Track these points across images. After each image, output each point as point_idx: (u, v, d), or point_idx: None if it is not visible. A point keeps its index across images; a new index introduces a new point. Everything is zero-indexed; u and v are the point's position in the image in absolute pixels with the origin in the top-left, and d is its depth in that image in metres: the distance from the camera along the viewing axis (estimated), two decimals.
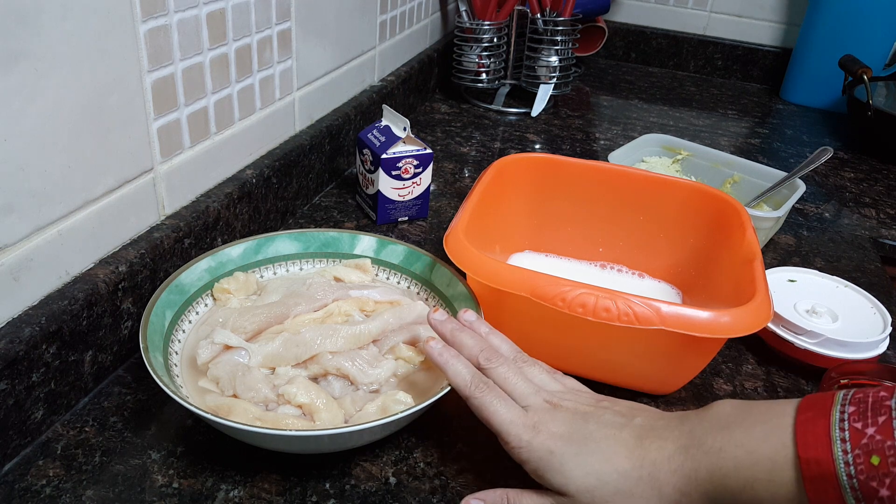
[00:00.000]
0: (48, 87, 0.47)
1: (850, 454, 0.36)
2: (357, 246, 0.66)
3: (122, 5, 0.51)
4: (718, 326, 0.50)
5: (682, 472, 0.42)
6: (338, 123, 0.86)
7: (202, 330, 0.56)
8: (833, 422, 0.37)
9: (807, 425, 0.38)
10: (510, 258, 0.73)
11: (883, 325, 0.65)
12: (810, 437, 0.38)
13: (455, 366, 0.48)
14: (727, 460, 0.40)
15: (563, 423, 0.45)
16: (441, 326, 0.51)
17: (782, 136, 1.21)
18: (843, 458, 0.36)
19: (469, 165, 0.98)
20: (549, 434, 0.45)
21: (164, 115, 0.59)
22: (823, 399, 0.39)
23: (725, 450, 0.41)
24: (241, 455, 0.50)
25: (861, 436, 0.36)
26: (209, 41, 0.62)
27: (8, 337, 0.46)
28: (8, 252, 0.47)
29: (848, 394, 0.39)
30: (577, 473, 0.43)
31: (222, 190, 0.67)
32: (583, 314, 0.51)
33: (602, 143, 1.11)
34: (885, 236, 0.90)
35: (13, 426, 0.47)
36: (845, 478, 0.36)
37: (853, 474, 0.35)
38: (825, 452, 0.37)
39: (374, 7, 0.93)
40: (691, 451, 0.42)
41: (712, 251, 0.66)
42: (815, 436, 0.37)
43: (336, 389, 0.53)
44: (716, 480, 0.40)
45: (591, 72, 1.47)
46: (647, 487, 0.42)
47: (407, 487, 0.49)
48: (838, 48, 1.25)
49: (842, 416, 0.37)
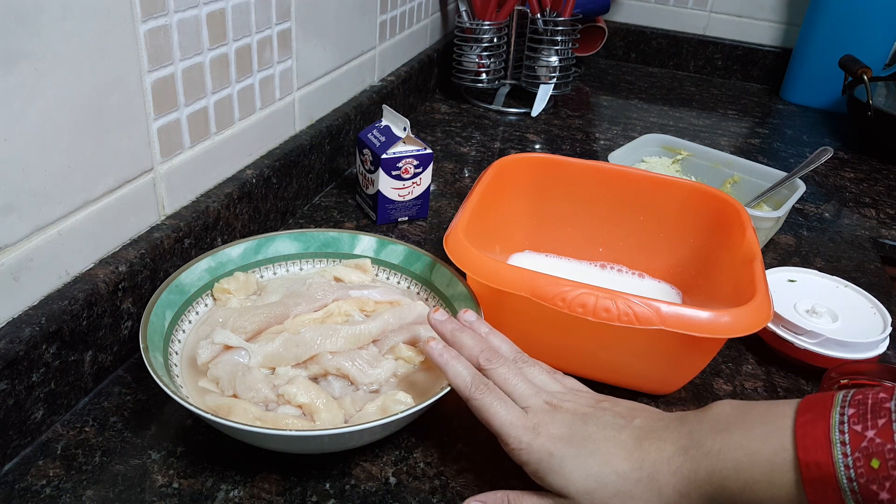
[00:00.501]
0: (48, 87, 0.47)
1: (850, 457, 0.36)
2: (357, 246, 0.67)
3: (122, 5, 0.51)
4: (718, 326, 0.50)
5: (681, 474, 0.42)
6: (338, 123, 0.86)
7: (202, 330, 0.56)
8: (833, 424, 0.37)
9: (806, 428, 0.38)
10: (510, 258, 0.73)
11: (883, 325, 0.65)
12: (810, 439, 0.37)
13: (455, 367, 0.48)
14: (726, 462, 0.40)
15: (562, 424, 0.45)
16: (441, 326, 0.51)
17: (782, 136, 1.21)
18: (843, 461, 0.36)
19: (469, 165, 0.98)
20: (549, 436, 0.45)
21: (164, 115, 0.59)
22: (822, 400, 0.39)
23: (725, 451, 0.41)
24: (241, 455, 0.50)
25: (861, 438, 0.36)
26: (209, 41, 0.62)
27: (8, 337, 0.46)
28: (8, 252, 0.47)
29: (847, 395, 0.39)
30: (577, 475, 0.43)
31: (222, 190, 0.67)
32: (583, 314, 0.51)
33: (602, 143, 1.11)
34: (885, 236, 0.90)
35: (13, 426, 0.47)
36: (845, 481, 0.36)
37: (853, 477, 0.35)
38: (825, 455, 0.36)
39: (374, 7, 0.93)
40: (691, 452, 0.42)
41: (712, 251, 0.66)
42: (814, 438, 0.37)
43: (336, 389, 0.53)
44: (715, 482, 0.40)
45: (591, 72, 1.47)
46: (646, 489, 0.42)
47: (407, 487, 0.49)
48: (838, 48, 1.25)
49: (841, 418, 0.37)
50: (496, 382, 0.48)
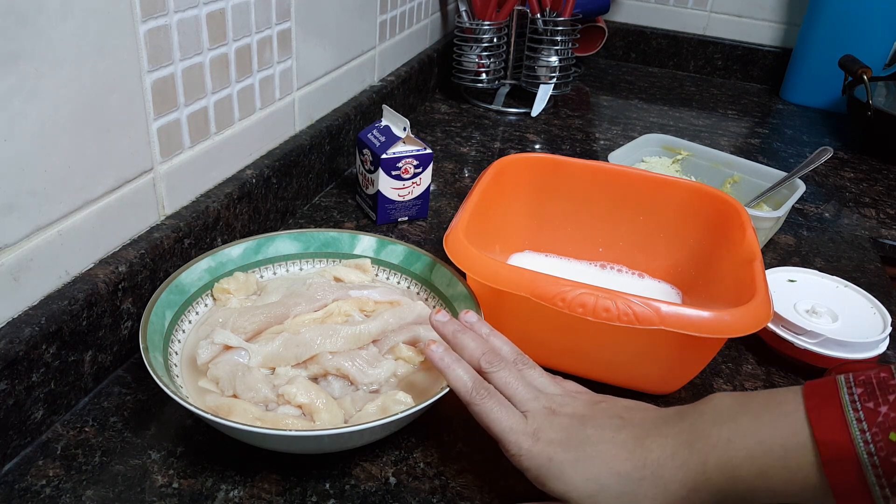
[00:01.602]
0: (48, 88, 0.47)
1: (867, 433, 0.36)
2: (357, 246, 0.67)
3: (122, 5, 0.51)
4: (718, 326, 0.50)
5: (688, 467, 0.41)
6: (338, 123, 0.86)
7: (202, 330, 0.56)
8: (845, 403, 0.38)
9: (819, 410, 0.38)
10: (510, 258, 0.73)
11: (883, 325, 0.65)
12: (825, 420, 0.38)
13: (456, 371, 0.48)
14: (738, 451, 0.40)
15: (561, 429, 0.45)
16: (443, 328, 0.51)
17: (782, 136, 1.21)
18: (862, 437, 0.36)
19: (469, 165, 0.98)
20: (548, 441, 0.45)
21: (164, 115, 0.59)
22: (825, 384, 0.40)
23: (734, 441, 0.40)
24: (241, 455, 0.50)
25: (875, 415, 0.36)
26: (209, 41, 0.62)
27: (8, 337, 0.46)
28: (8, 252, 0.47)
29: (849, 377, 0.39)
30: (578, 480, 0.43)
31: (222, 190, 0.67)
32: (583, 314, 0.51)
33: (602, 143, 1.11)
34: (885, 236, 0.90)
35: (13, 426, 0.47)
36: (866, 456, 0.36)
37: (873, 452, 0.36)
38: (843, 434, 0.37)
39: (374, 7, 0.93)
40: (696, 445, 0.42)
41: (712, 251, 0.66)
42: (829, 419, 0.38)
43: (336, 389, 0.53)
44: (726, 472, 0.40)
45: (591, 72, 1.47)
46: (650, 487, 0.42)
47: (407, 487, 0.49)
48: (838, 48, 1.25)
49: (851, 397, 0.38)
50: (497, 386, 0.48)
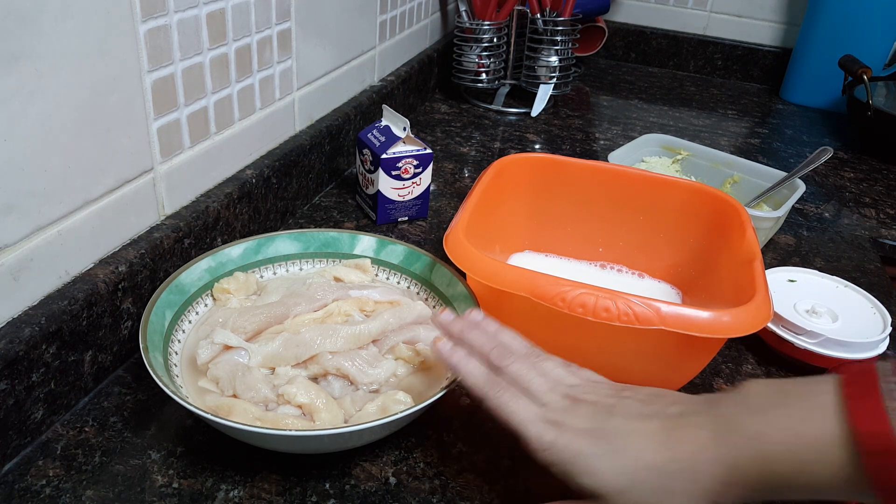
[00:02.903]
0: (48, 87, 0.47)
1: None
2: (357, 246, 0.67)
3: (122, 5, 0.51)
4: (718, 326, 0.50)
5: (722, 461, 0.39)
6: (338, 123, 0.86)
7: (202, 330, 0.56)
8: (884, 394, 0.36)
9: (858, 401, 0.37)
10: (510, 258, 0.73)
11: (883, 325, 0.65)
12: (864, 412, 0.37)
13: (467, 366, 0.47)
14: (774, 444, 0.38)
15: (585, 418, 0.43)
16: (449, 327, 0.50)
17: (782, 136, 1.21)
18: None
19: (469, 165, 0.98)
20: (574, 431, 0.42)
21: (164, 115, 0.59)
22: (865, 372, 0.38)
23: (768, 433, 0.39)
24: (241, 455, 0.50)
25: None
26: (209, 41, 0.62)
27: (8, 337, 0.46)
28: (8, 252, 0.47)
29: (886, 366, 0.38)
30: (609, 475, 0.41)
31: (222, 190, 0.67)
32: (583, 314, 0.51)
33: (602, 143, 1.11)
34: (885, 236, 0.90)
35: (13, 426, 0.47)
36: None
37: None
38: (883, 425, 0.36)
39: (374, 7, 0.93)
40: (732, 437, 0.40)
41: (712, 251, 0.66)
42: (868, 410, 0.36)
43: (336, 389, 0.53)
44: (761, 466, 0.39)
45: (591, 72, 1.47)
46: (684, 481, 0.40)
47: (407, 487, 0.49)
48: (838, 48, 1.25)
49: (890, 387, 0.36)
50: (511, 379, 0.46)
